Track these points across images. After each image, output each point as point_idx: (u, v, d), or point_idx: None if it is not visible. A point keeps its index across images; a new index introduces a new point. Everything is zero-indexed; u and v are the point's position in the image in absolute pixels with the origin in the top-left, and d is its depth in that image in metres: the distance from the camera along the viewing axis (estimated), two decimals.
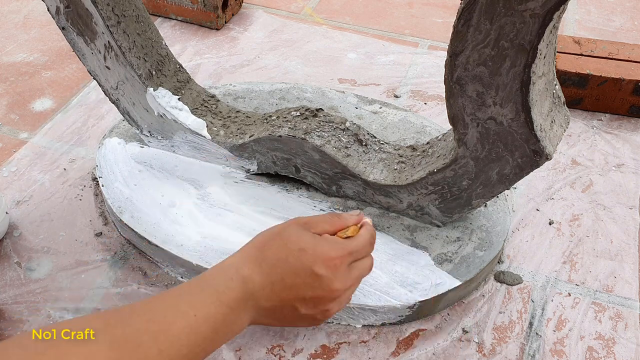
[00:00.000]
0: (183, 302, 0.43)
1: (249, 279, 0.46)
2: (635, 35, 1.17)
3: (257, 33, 1.16)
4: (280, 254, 0.47)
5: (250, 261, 0.47)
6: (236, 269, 0.46)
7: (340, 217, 0.53)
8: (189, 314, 0.42)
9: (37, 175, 0.84)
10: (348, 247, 0.50)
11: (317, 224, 0.51)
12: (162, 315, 0.42)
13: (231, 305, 0.45)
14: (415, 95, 1.01)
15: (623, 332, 0.67)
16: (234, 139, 0.73)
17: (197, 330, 0.42)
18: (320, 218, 0.52)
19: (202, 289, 0.45)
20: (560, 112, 0.60)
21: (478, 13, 0.48)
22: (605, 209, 0.81)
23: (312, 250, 0.48)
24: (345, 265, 0.49)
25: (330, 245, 0.49)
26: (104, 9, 0.63)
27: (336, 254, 0.48)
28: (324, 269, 0.47)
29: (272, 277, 0.47)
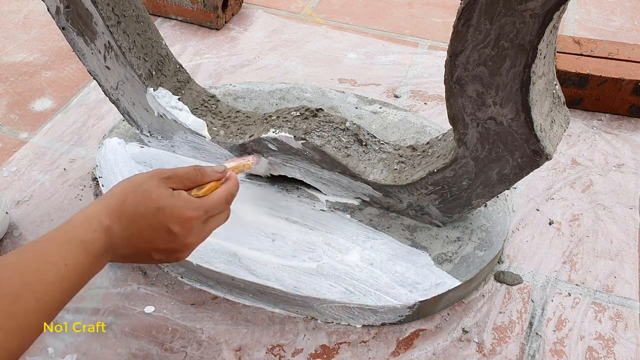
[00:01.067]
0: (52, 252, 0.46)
1: (109, 231, 0.49)
2: (635, 35, 1.17)
3: (257, 33, 1.16)
4: (139, 209, 0.50)
5: (111, 212, 0.49)
6: (99, 221, 0.49)
7: (203, 173, 0.54)
8: (60, 263, 0.45)
9: (37, 175, 0.84)
10: (202, 206, 0.52)
11: (177, 179, 0.53)
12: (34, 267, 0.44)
13: (96, 254, 0.48)
14: (415, 95, 1.01)
15: (623, 332, 0.67)
16: (234, 139, 0.73)
17: (68, 278, 0.45)
18: (182, 173, 0.53)
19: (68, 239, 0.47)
20: (560, 112, 0.60)
21: (478, 13, 0.48)
22: (605, 209, 0.81)
23: (169, 210, 0.50)
24: (199, 223, 0.53)
25: (186, 205, 0.51)
26: (104, 9, 0.63)
27: (191, 214, 0.51)
28: (178, 227, 0.51)
29: (131, 230, 0.50)
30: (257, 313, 0.68)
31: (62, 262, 0.45)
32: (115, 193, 0.51)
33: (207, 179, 0.55)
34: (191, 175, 0.54)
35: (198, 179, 0.54)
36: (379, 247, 0.69)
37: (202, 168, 0.55)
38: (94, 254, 0.47)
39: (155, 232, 0.50)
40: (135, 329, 0.66)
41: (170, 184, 0.52)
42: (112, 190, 0.52)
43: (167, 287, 0.71)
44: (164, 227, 0.50)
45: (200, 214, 0.52)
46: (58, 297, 0.44)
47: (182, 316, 0.67)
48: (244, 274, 0.66)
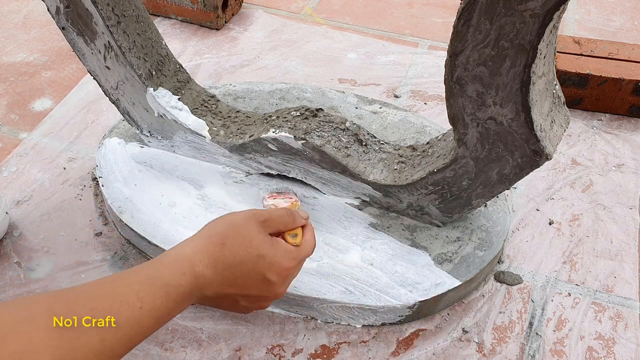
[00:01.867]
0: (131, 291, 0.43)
1: (201, 276, 0.47)
2: (635, 35, 1.17)
3: (257, 33, 1.16)
4: (238, 256, 0.49)
5: (206, 257, 0.48)
6: (191, 265, 0.47)
7: (294, 218, 0.55)
8: (136, 305, 0.43)
9: (37, 175, 0.84)
10: (299, 256, 0.53)
11: (273, 223, 0.53)
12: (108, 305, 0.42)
13: (177, 300, 0.45)
14: (415, 95, 1.01)
15: (623, 332, 0.67)
16: (234, 139, 0.73)
17: (140, 321, 0.43)
18: (277, 217, 0.54)
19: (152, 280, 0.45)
20: (560, 112, 0.60)
21: (478, 13, 0.48)
22: (605, 209, 0.81)
23: (269, 259, 0.50)
24: (294, 272, 0.54)
25: (285, 255, 0.52)
26: (104, 9, 0.63)
27: (289, 264, 0.52)
28: (276, 277, 0.51)
29: (225, 276, 0.49)
30: (257, 313, 0.68)
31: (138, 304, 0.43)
32: (213, 235, 0.50)
33: (298, 223, 0.55)
34: (284, 219, 0.54)
35: (289, 224, 0.54)
36: (379, 247, 0.69)
37: (293, 212, 0.55)
38: (175, 299, 0.45)
39: (251, 280, 0.50)
40: None
41: (267, 228, 0.52)
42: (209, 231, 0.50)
43: None
44: (260, 276, 0.50)
45: (297, 264, 0.53)
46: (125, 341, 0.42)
47: (182, 316, 0.67)
48: None
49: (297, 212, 0.56)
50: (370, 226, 0.71)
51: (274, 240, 0.52)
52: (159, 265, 0.46)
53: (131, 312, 0.42)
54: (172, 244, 0.69)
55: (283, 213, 0.54)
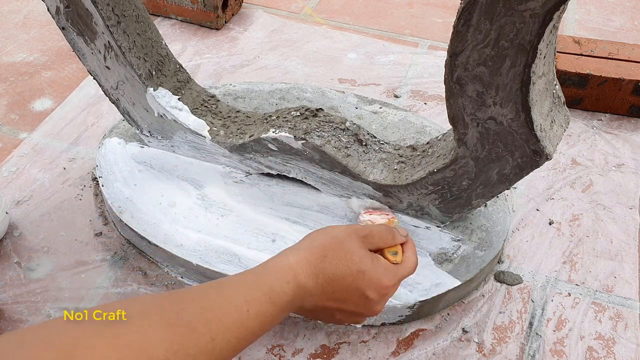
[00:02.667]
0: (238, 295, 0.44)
1: (302, 286, 0.48)
2: (635, 35, 1.17)
3: (257, 33, 1.16)
4: (339, 269, 0.49)
5: (308, 268, 0.48)
6: (294, 274, 0.48)
7: (393, 235, 0.54)
8: (243, 308, 0.44)
9: (37, 175, 0.84)
10: (399, 274, 0.53)
11: (373, 240, 0.53)
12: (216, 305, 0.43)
13: (281, 307, 0.46)
14: (415, 95, 1.01)
15: (623, 332, 0.67)
16: (234, 139, 0.73)
17: (247, 324, 0.44)
18: (377, 233, 0.53)
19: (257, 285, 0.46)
20: (560, 112, 0.60)
21: (478, 13, 0.48)
22: (605, 209, 0.81)
23: (369, 275, 0.50)
24: (393, 290, 0.53)
25: (386, 272, 0.51)
26: (104, 9, 0.63)
27: (389, 282, 0.51)
28: (374, 294, 0.50)
29: (325, 288, 0.49)
30: None
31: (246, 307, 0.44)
32: (314, 247, 0.50)
33: (398, 240, 0.55)
34: (384, 236, 0.54)
35: (389, 241, 0.54)
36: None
37: (392, 229, 0.55)
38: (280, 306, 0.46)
39: (350, 295, 0.50)
40: None
41: (367, 244, 0.52)
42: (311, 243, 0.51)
43: (167, 287, 0.71)
44: (359, 291, 0.50)
45: (396, 282, 0.52)
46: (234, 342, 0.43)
47: None
48: None
49: (397, 230, 0.56)
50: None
51: (374, 256, 0.52)
52: (263, 272, 0.47)
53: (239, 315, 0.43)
54: (172, 243, 0.69)
55: (383, 230, 0.54)
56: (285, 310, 0.47)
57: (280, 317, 0.47)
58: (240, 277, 0.47)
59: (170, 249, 0.69)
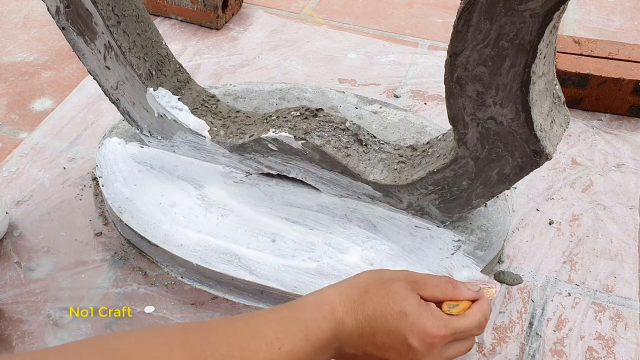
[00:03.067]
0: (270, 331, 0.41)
1: (341, 323, 0.44)
2: (635, 35, 1.17)
3: (257, 33, 1.16)
4: (380, 308, 0.45)
5: (348, 304, 0.45)
6: (332, 309, 0.44)
7: (455, 287, 0.49)
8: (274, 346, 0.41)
9: (37, 175, 0.84)
10: (451, 326, 0.46)
11: (427, 287, 0.48)
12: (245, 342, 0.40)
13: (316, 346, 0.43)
14: (415, 95, 1.01)
15: (623, 332, 0.67)
16: (234, 139, 0.73)
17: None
18: (433, 281, 0.48)
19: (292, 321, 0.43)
20: (560, 112, 0.60)
21: (478, 13, 0.48)
22: (605, 209, 0.81)
23: (412, 318, 0.45)
24: (442, 344, 0.46)
25: (432, 320, 0.45)
26: (104, 9, 0.63)
27: (436, 331, 0.45)
28: (417, 342, 0.45)
29: (365, 329, 0.45)
30: None
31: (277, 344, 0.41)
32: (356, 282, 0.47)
33: (460, 295, 0.48)
34: (442, 287, 0.48)
35: (449, 293, 0.48)
36: (379, 247, 0.69)
37: (454, 281, 0.49)
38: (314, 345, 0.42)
39: (390, 339, 0.45)
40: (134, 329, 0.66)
41: (418, 290, 0.47)
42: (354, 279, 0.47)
43: (167, 287, 0.71)
44: (401, 337, 0.45)
45: (446, 334, 0.45)
46: None
47: (182, 316, 0.67)
48: (244, 274, 0.66)
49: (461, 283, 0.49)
50: (370, 226, 0.71)
51: (422, 302, 0.46)
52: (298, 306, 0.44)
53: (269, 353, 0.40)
54: (172, 243, 0.69)
55: (441, 280, 0.48)
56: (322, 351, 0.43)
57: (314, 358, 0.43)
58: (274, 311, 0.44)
59: (170, 249, 0.69)
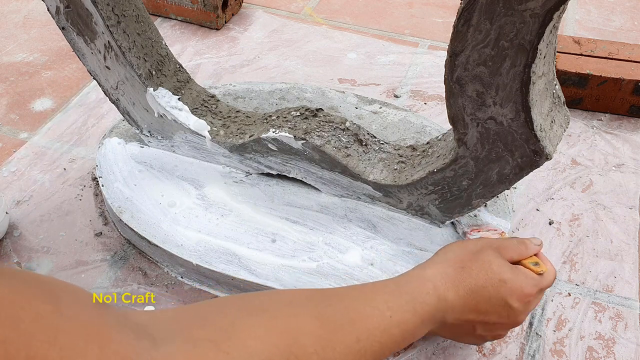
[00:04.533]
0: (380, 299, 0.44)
1: (443, 298, 0.47)
2: (635, 35, 1.17)
3: (257, 33, 1.16)
4: (480, 280, 0.49)
5: (447, 280, 0.48)
6: (434, 286, 0.47)
7: (526, 246, 0.54)
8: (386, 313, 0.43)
9: (37, 175, 0.84)
10: (541, 284, 0.52)
11: (508, 251, 0.53)
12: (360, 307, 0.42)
13: (423, 318, 0.45)
14: (415, 95, 1.01)
15: (623, 332, 0.67)
16: (234, 138, 0.73)
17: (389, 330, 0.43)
18: (509, 244, 0.54)
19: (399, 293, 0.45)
20: (560, 112, 0.60)
21: (478, 13, 0.48)
22: (605, 209, 0.81)
23: (511, 284, 0.50)
24: (535, 301, 0.53)
25: (527, 281, 0.51)
26: (104, 9, 0.63)
27: (531, 290, 0.51)
28: (517, 302, 0.50)
29: (467, 300, 0.49)
30: None
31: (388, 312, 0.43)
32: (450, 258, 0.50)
33: (531, 251, 0.55)
34: (517, 248, 0.54)
35: (523, 252, 0.54)
36: (379, 247, 0.69)
37: (524, 241, 0.55)
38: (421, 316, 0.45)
39: (492, 305, 0.49)
40: None
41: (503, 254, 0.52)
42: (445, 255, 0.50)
43: (167, 287, 0.71)
44: (502, 301, 0.49)
45: (538, 289, 0.52)
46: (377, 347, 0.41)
47: None
48: (244, 274, 0.66)
49: (529, 240, 0.55)
50: (370, 226, 0.71)
51: (512, 266, 0.51)
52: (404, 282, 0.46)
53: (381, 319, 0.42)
54: (172, 243, 0.69)
55: (514, 241, 0.54)
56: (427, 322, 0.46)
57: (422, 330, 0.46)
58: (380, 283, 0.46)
59: (170, 249, 0.69)
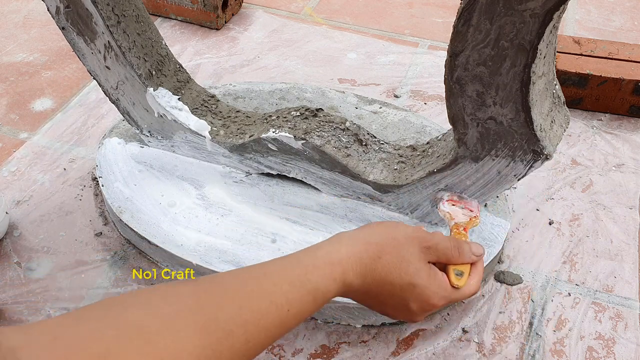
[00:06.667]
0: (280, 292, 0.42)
1: (349, 284, 0.46)
2: (635, 35, 1.17)
3: (257, 33, 1.16)
4: (390, 276, 0.47)
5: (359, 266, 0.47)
6: (343, 270, 0.46)
7: (461, 252, 0.51)
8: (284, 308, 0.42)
9: (37, 175, 0.84)
10: (451, 297, 0.50)
11: (437, 253, 0.50)
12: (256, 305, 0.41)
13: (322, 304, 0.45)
14: (415, 95, 1.01)
15: (623, 332, 0.67)
16: (234, 138, 0.73)
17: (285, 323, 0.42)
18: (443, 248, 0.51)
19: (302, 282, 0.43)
20: (560, 112, 0.60)
21: (478, 13, 0.48)
22: (605, 209, 0.81)
23: (419, 290, 0.48)
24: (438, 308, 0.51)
25: (437, 292, 0.49)
26: (104, 9, 0.63)
27: (437, 302, 0.49)
28: (417, 307, 0.49)
29: (371, 288, 0.48)
30: None
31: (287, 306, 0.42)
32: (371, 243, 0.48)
33: (463, 259, 0.51)
34: (449, 253, 0.51)
35: (453, 258, 0.51)
36: None
37: (461, 246, 0.52)
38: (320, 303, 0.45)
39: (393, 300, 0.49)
40: None
41: (428, 255, 0.50)
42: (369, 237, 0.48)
43: None
44: (404, 301, 0.49)
45: (445, 303, 0.50)
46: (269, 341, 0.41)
47: None
48: None
49: (468, 246, 0.52)
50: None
51: (432, 272, 0.49)
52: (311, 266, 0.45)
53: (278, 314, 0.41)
54: (172, 243, 0.69)
55: (450, 246, 0.51)
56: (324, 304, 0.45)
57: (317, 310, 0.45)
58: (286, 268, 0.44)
59: (170, 249, 0.69)
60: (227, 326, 0.38)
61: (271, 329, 0.41)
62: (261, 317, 0.40)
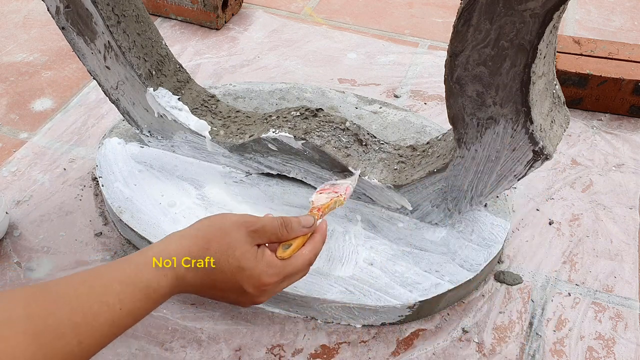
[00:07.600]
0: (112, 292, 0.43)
1: (182, 277, 0.48)
2: (635, 35, 1.17)
3: (257, 33, 1.16)
4: (219, 263, 0.49)
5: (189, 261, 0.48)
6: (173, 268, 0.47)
7: (289, 229, 0.52)
8: (115, 307, 0.43)
9: (37, 175, 0.84)
10: (283, 271, 0.51)
11: (264, 234, 0.51)
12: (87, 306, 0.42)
13: (157, 301, 0.46)
14: (415, 95, 1.01)
15: (623, 332, 0.67)
16: (234, 138, 0.73)
17: (119, 322, 0.43)
18: (270, 228, 0.51)
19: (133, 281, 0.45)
20: (560, 112, 0.60)
21: (478, 13, 0.48)
22: (605, 209, 0.81)
23: (248, 272, 0.49)
24: (275, 286, 0.52)
25: (267, 270, 0.50)
26: (104, 9, 0.63)
27: (268, 280, 0.50)
28: (252, 289, 0.50)
29: (204, 280, 0.49)
30: (257, 313, 0.68)
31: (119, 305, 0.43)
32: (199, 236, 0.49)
33: (293, 234, 0.53)
34: (277, 231, 0.52)
35: (284, 236, 0.52)
36: (379, 247, 0.69)
37: (289, 223, 0.52)
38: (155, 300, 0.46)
39: (228, 287, 0.50)
40: (135, 329, 0.66)
41: (256, 238, 0.51)
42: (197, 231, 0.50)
43: None
44: (237, 285, 0.50)
45: (279, 279, 0.51)
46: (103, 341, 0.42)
47: (182, 316, 0.67)
48: None
49: (295, 221, 0.53)
50: (370, 226, 0.71)
51: (259, 252, 0.51)
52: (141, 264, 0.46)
53: (110, 314, 0.42)
54: None
55: (276, 225, 0.52)
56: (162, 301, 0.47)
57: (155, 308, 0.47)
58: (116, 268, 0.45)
59: None
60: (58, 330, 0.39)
61: (104, 328, 0.42)
62: (93, 318, 0.41)
